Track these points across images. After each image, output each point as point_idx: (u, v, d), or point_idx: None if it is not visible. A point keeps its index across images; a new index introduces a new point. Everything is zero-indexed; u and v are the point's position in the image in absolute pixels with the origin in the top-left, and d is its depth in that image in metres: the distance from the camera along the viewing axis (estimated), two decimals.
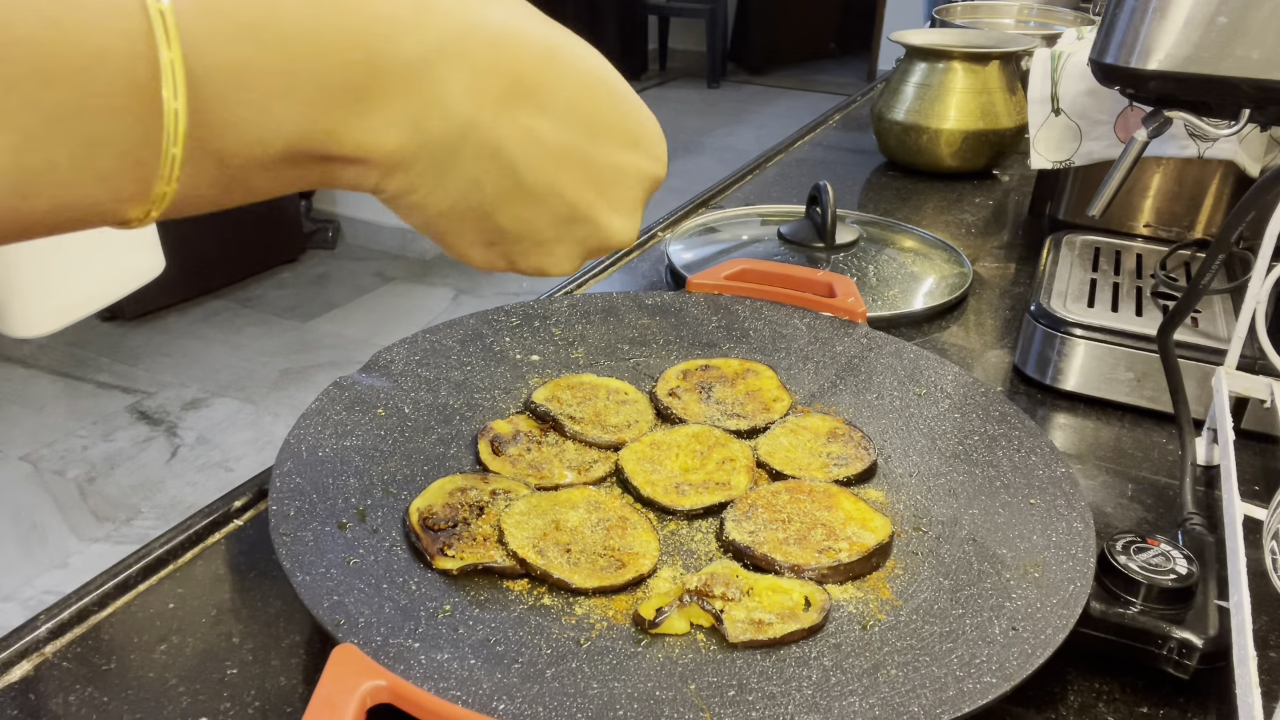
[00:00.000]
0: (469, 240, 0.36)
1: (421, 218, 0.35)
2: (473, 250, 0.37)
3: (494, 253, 0.37)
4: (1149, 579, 0.46)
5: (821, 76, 6.39)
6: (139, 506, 2.25)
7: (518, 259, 0.38)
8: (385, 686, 0.38)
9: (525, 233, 0.36)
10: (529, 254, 0.38)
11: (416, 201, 0.34)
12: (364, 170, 0.31)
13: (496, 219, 0.35)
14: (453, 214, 0.34)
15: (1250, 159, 0.87)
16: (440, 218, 0.35)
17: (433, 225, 0.35)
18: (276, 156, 0.28)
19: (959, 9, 1.60)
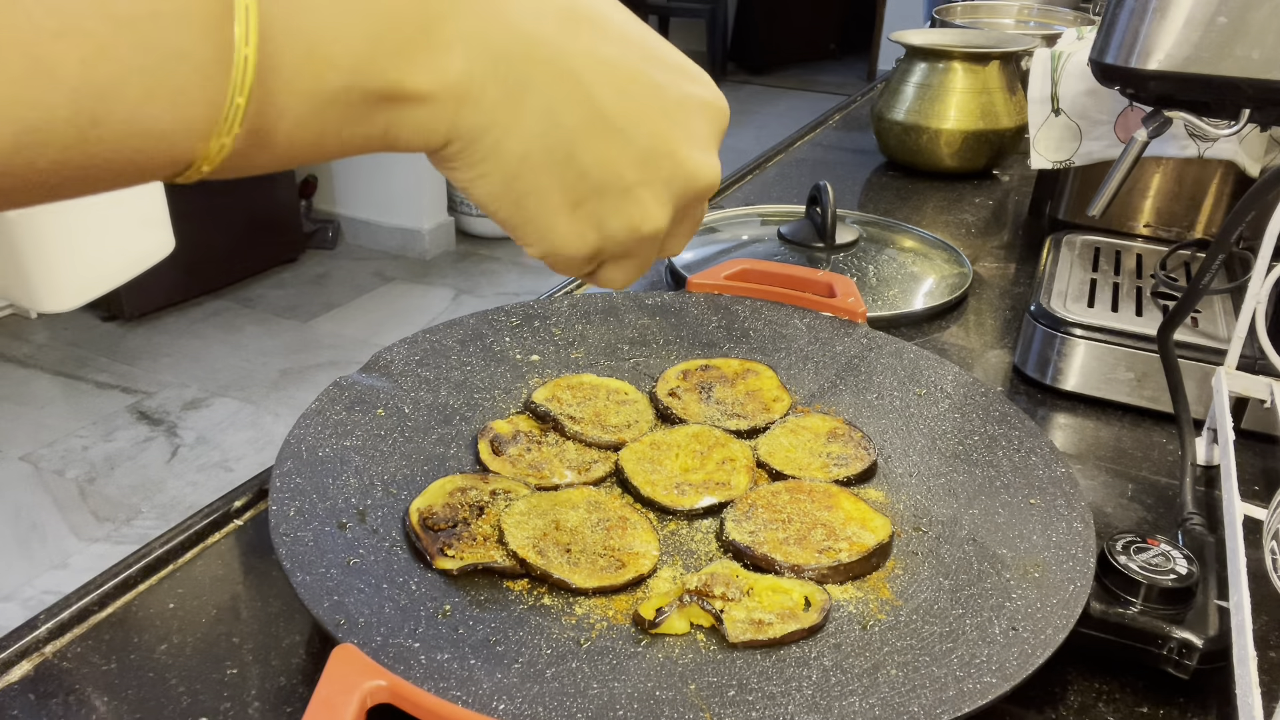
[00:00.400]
0: (554, 201, 0.34)
1: (500, 174, 0.32)
2: (559, 217, 0.34)
3: (582, 216, 0.34)
4: (1149, 579, 0.46)
5: (821, 76, 6.39)
6: (139, 506, 2.25)
7: (608, 217, 0.35)
8: (385, 686, 0.38)
9: (609, 177, 0.34)
10: (619, 207, 0.35)
11: (492, 145, 0.31)
12: (432, 111, 0.30)
13: (579, 160, 0.33)
14: (533, 160, 0.32)
15: (1250, 159, 0.87)
16: (521, 167, 0.32)
17: (513, 184, 0.33)
18: (338, 91, 0.27)
19: (959, 9, 1.60)
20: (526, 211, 0.34)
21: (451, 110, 0.30)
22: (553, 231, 0.35)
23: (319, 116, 0.28)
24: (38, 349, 2.90)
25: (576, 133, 0.33)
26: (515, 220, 0.34)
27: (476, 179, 0.33)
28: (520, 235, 0.35)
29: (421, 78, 0.29)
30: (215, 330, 3.06)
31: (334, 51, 0.27)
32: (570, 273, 0.38)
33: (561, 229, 0.35)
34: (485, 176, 0.32)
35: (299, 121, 0.27)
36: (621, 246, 0.36)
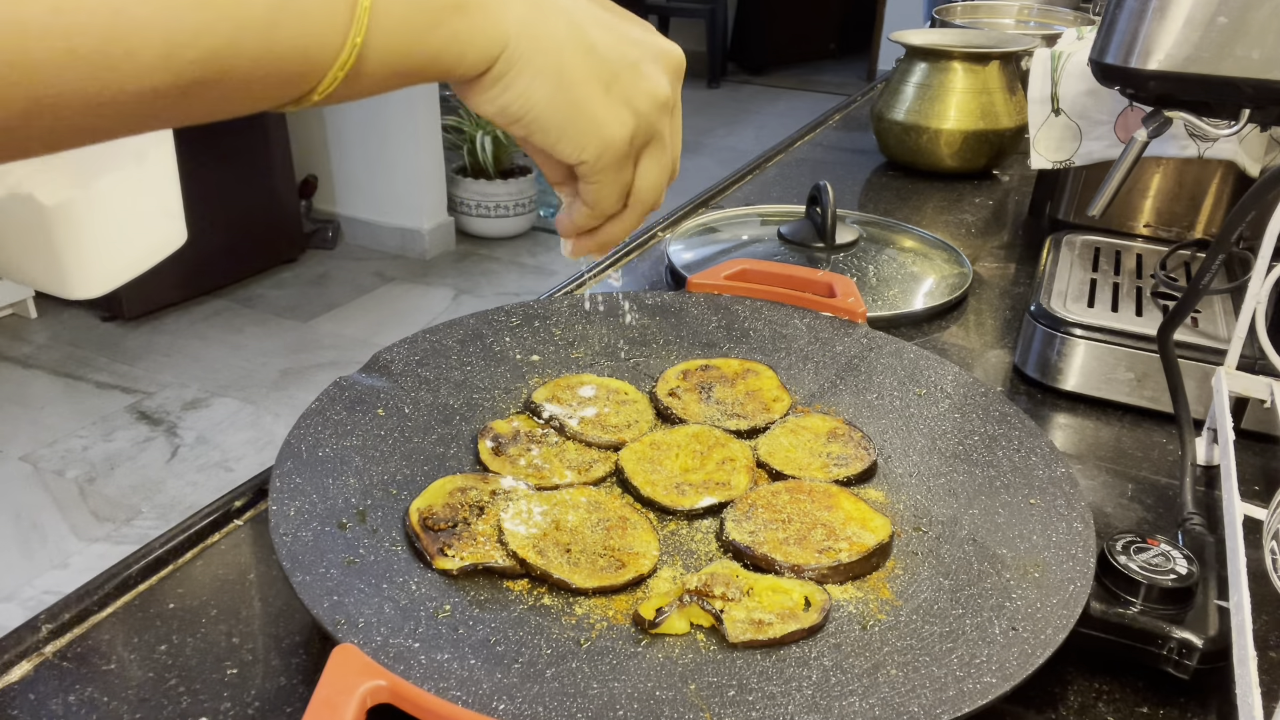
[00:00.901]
0: (593, 87, 0.40)
1: (550, 69, 0.39)
2: (599, 102, 0.41)
3: (614, 97, 0.41)
4: (1149, 579, 0.46)
5: (821, 76, 6.39)
6: (139, 506, 2.25)
7: (631, 92, 0.42)
8: (385, 686, 0.38)
9: (620, 57, 0.41)
10: (635, 82, 0.42)
11: (535, 44, 0.38)
12: (486, 16, 0.37)
13: (597, 48, 0.41)
14: (567, 51, 0.40)
15: (1250, 159, 0.87)
16: (562, 58, 0.39)
17: (562, 77, 0.39)
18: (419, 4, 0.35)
19: (959, 9, 1.60)
20: (576, 101, 0.40)
21: (498, 14, 0.37)
22: (599, 119, 0.41)
23: (405, 29, 0.35)
24: (38, 349, 2.90)
25: (587, 27, 0.41)
26: (567, 117, 0.40)
27: (533, 82, 0.39)
28: (573, 135, 0.41)
29: None
30: (215, 330, 3.06)
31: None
32: (616, 170, 0.43)
33: (604, 114, 0.41)
34: (539, 75, 0.39)
35: (388, 44, 0.35)
36: (648, 123, 0.43)
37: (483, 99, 0.40)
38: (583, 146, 0.41)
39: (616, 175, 0.43)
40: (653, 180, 0.45)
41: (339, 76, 0.34)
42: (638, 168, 0.45)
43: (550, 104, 0.40)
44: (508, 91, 0.39)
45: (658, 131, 0.44)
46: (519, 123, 0.40)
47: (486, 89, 0.39)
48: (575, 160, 0.42)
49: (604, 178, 0.43)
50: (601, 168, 0.42)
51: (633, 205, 0.46)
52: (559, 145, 0.41)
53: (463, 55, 0.37)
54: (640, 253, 1.00)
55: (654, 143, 0.44)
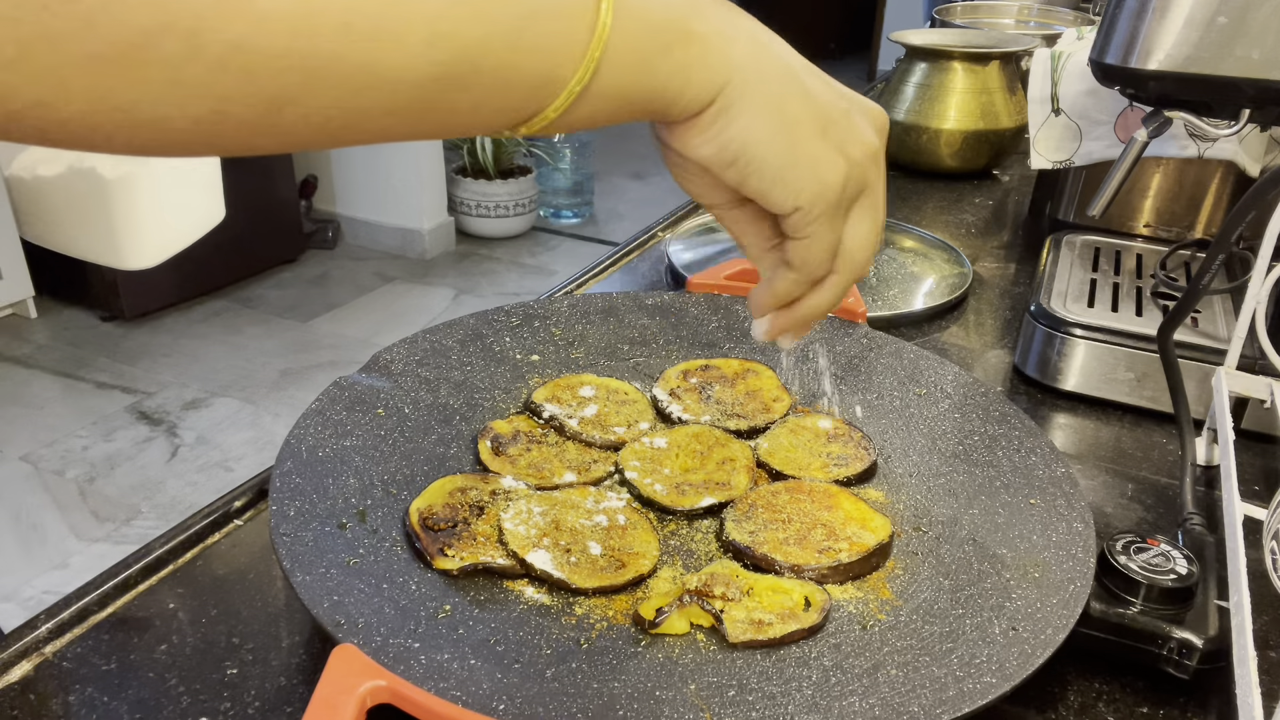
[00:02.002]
0: (810, 128, 0.40)
1: (770, 105, 0.39)
2: (816, 143, 0.40)
3: (830, 141, 0.40)
4: (1149, 579, 0.46)
5: None
6: (139, 506, 2.25)
7: (844, 139, 0.41)
8: (385, 686, 0.38)
9: (830, 106, 0.41)
10: (847, 130, 0.41)
11: (757, 79, 0.39)
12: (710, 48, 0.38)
13: (810, 92, 0.40)
14: (785, 91, 0.39)
15: (1250, 159, 0.87)
16: (781, 96, 0.39)
17: (781, 113, 0.39)
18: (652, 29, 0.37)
19: (959, 9, 1.60)
20: (795, 141, 0.40)
21: (723, 49, 0.38)
22: (816, 161, 0.40)
23: (638, 52, 0.36)
24: (38, 349, 2.90)
25: (802, 73, 0.41)
26: (786, 158, 0.40)
27: (754, 118, 0.39)
28: (790, 177, 0.40)
29: (700, 22, 0.38)
30: (215, 330, 3.06)
31: (648, 14, 0.37)
32: (829, 221, 0.42)
33: (821, 155, 0.40)
34: (761, 112, 0.39)
35: (621, 65, 0.36)
36: (861, 171, 0.42)
37: (701, 138, 0.39)
38: (799, 189, 0.40)
39: (829, 226, 0.41)
40: (863, 237, 0.43)
41: (575, 91, 0.35)
42: (847, 223, 0.43)
43: (770, 142, 0.39)
44: (729, 128, 0.39)
45: (869, 182, 0.42)
46: (736, 163, 0.39)
47: (706, 126, 0.39)
48: (790, 205, 0.40)
49: (817, 228, 0.41)
50: (816, 215, 0.41)
51: (840, 269, 0.43)
52: (774, 188, 0.40)
53: (686, 86, 0.38)
54: (640, 253, 1.00)
55: (865, 195, 0.42)
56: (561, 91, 0.35)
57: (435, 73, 0.32)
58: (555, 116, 0.36)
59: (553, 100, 0.35)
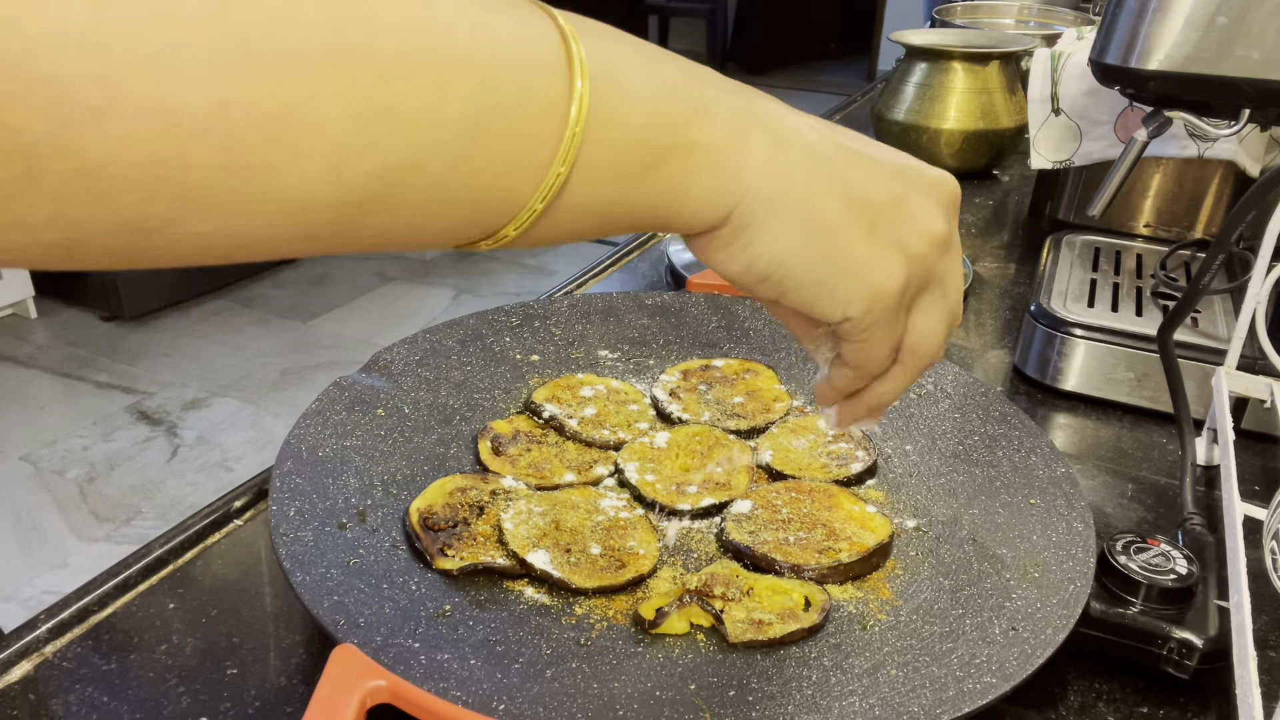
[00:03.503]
0: (853, 231, 0.35)
1: (798, 214, 0.34)
2: (861, 246, 0.35)
3: (880, 238, 0.35)
4: (1149, 579, 0.46)
5: (821, 76, 6.38)
6: (139, 506, 2.25)
7: (900, 230, 0.36)
8: (385, 687, 0.38)
9: (882, 193, 0.36)
10: (904, 218, 0.36)
11: (780, 187, 0.34)
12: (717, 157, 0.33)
13: (852, 183, 0.35)
14: (817, 189, 0.34)
15: (1250, 159, 0.87)
16: (811, 200, 0.34)
17: (813, 221, 0.34)
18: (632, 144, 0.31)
19: (959, 9, 1.60)
20: (835, 252, 0.34)
21: (734, 159, 0.33)
22: (863, 268, 0.35)
23: (620, 165, 0.31)
24: (38, 349, 2.90)
25: (840, 163, 0.35)
26: (826, 271, 0.35)
27: (780, 234, 0.34)
28: (834, 290, 0.35)
29: (701, 129, 0.33)
30: (215, 330, 3.06)
31: (636, 111, 0.31)
32: (887, 325, 0.37)
33: (870, 261, 0.35)
34: (788, 225, 0.34)
35: (597, 180, 0.31)
36: (924, 266, 0.37)
37: (722, 255, 0.34)
38: (847, 302, 0.35)
39: (888, 331, 0.37)
40: (930, 331, 0.38)
41: (537, 210, 0.30)
42: (910, 318, 0.38)
43: (804, 258, 0.34)
44: (751, 246, 0.34)
45: (935, 275, 0.37)
46: (767, 281, 0.35)
47: (726, 245, 0.34)
48: (839, 317, 0.36)
49: (873, 334, 0.37)
50: (869, 324, 0.36)
51: (904, 361, 0.39)
52: (818, 304, 0.35)
53: (686, 200, 0.33)
54: (640, 253, 1.00)
55: (930, 288, 0.37)
56: (521, 210, 0.30)
57: (349, 196, 0.27)
58: (516, 235, 0.31)
59: (510, 219, 0.30)
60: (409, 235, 0.30)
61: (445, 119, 0.27)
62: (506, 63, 0.28)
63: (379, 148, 0.27)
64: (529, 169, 0.30)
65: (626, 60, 0.32)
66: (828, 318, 0.36)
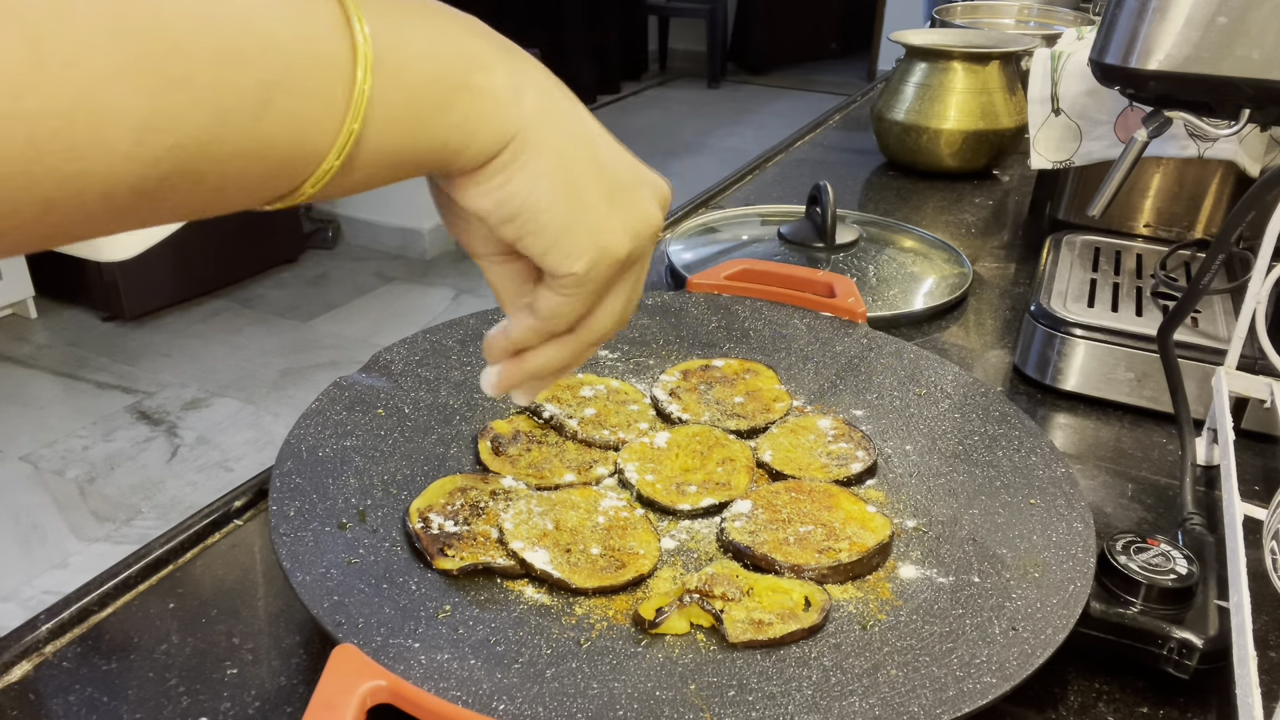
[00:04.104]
0: (596, 191, 0.38)
1: (557, 165, 0.37)
2: (602, 207, 0.38)
3: (616, 208, 0.39)
4: (1149, 579, 0.46)
5: (821, 76, 6.38)
6: (139, 506, 2.25)
7: (630, 210, 0.39)
8: (385, 687, 0.38)
9: (621, 175, 0.39)
10: (634, 201, 0.40)
11: (545, 138, 0.36)
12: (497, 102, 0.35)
13: (600, 157, 0.39)
14: (574, 151, 0.38)
15: (1250, 159, 0.87)
16: (568, 156, 0.37)
17: (568, 173, 0.37)
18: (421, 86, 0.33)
19: (959, 9, 1.60)
20: (581, 205, 0.38)
21: (510, 102, 0.36)
22: (602, 224, 0.38)
23: (409, 112, 0.33)
24: (38, 349, 2.90)
25: (591, 134, 0.39)
26: (568, 220, 0.37)
27: (538, 177, 0.37)
28: (569, 242, 0.38)
29: (480, 75, 0.35)
30: (215, 330, 3.06)
31: (417, 61, 0.33)
32: (597, 290, 0.40)
33: (607, 221, 0.39)
34: (545, 171, 0.37)
35: (390, 129, 0.33)
36: (638, 248, 0.40)
37: (478, 190, 0.37)
38: (578, 255, 0.38)
39: (593, 294, 0.40)
40: (616, 311, 0.42)
41: (334, 166, 0.32)
42: (605, 297, 0.41)
43: (552, 205, 0.37)
44: (511, 182, 0.36)
45: (640, 261, 0.41)
46: (515, 220, 0.37)
47: (488, 179, 0.36)
48: (565, 270, 0.38)
49: (582, 293, 0.39)
50: (587, 281, 0.39)
51: (580, 332, 0.42)
52: (552, 250, 0.38)
53: (469, 141, 0.35)
54: None
55: (631, 271, 0.41)
56: (319, 167, 0.31)
57: (154, 171, 0.27)
58: (314, 192, 0.32)
59: (308, 175, 0.32)
60: (210, 203, 0.30)
61: (241, 86, 0.28)
62: (291, 23, 0.29)
63: (180, 120, 0.27)
64: (324, 126, 0.31)
65: (403, 11, 0.33)
66: (555, 269, 0.38)
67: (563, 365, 0.43)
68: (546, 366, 0.43)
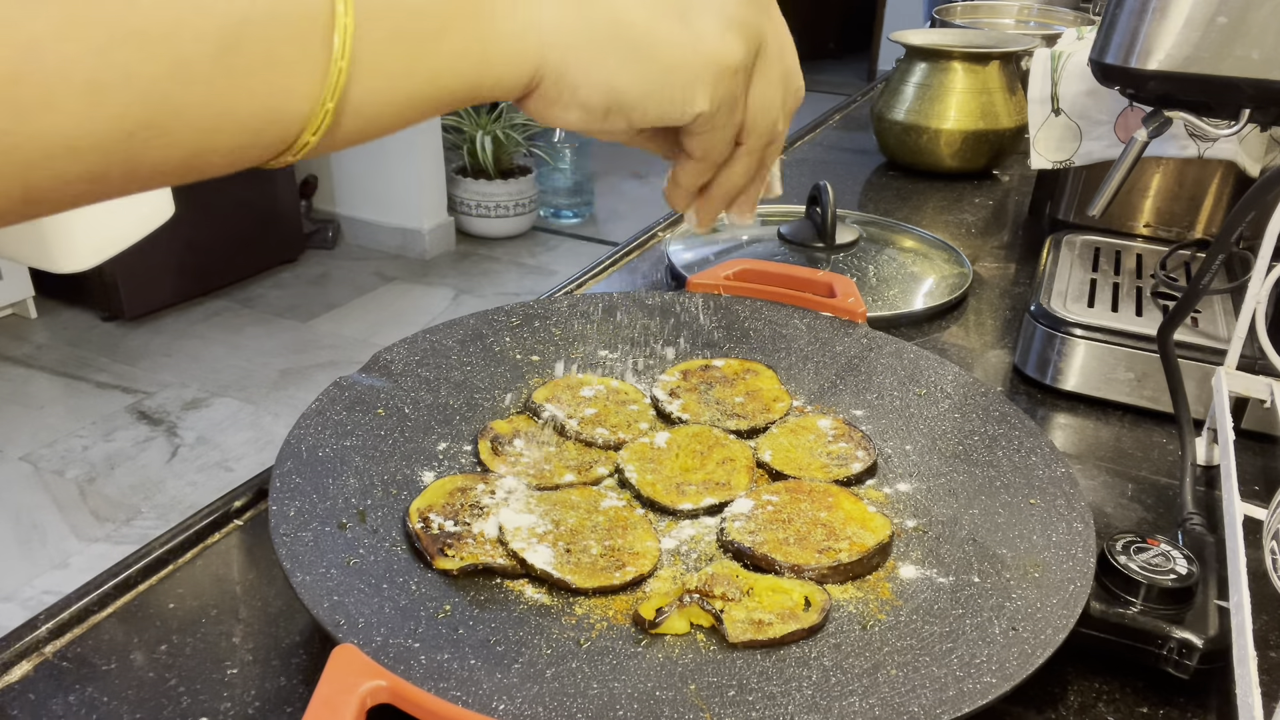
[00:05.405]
0: (668, 30, 0.35)
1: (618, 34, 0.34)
2: (684, 43, 0.35)
3: (696, 25, 0.35)
4: (1149, 579, 0.46)
5: (821, 76, 6.38)
6: (139, 506, 2.25)
7: (717, 7, 0.35)
8: (385, 687, 0.38)
9: None
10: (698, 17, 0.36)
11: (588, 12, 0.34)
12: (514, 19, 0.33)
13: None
14: (623, 5, 0.34)
15: (1250, 159, 0.87)
16: (622, 18, 0.34)
17: (631, 35, 0.34)
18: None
19: (959, 9, 1.60)
20: (657, 58, 0.34)
21: (525, 14, 0.33)
22: (693, 58, 0.35)
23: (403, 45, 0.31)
24: (38, 349, 2.90)
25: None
26: (658, 78, 0.35)
27: (598, 67, 0.34)
28: (673, 91, 0.35)
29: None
30: (215, 330, 3.06)
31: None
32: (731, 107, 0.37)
33: (695, 48, 0.35)
34: (600, 58, 0.34)
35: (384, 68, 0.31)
36: (750, 29, 0.36)
37: (555, 110, 0.35)
38: (692, 98, 0.35)
39: (732, 112, 0.37)
40: (767, 102, 0.38)
41: (329, 110, 0.30)
42: (749, 96, 0.38)
43: (633, 78, 0.34)
44: (580, 91, 0.34)
45: (764, 35, 0.37)
46: (611, 114, 0.35)
47: (554, 100, 0.34)
48: (690, 118, 0.36)
49: (717, 121, 0.37)
50: (716, 109, 0.36)
51: (746, 141, 0.39)
52: (668, 112, 0.35)
53: (486, 68, 0.33)
54: (640, 253, 1.00)
55: (762, 52, 0.37)
56: (314, 114, 0.30)
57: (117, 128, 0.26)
58: (317, 140, 0.31)
59: (303, 125, 0.30)
60: (199, 161, 0.29)
61: (203, 34, 0.27)
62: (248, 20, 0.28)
63: (134, 74, 0.26)
64: (305, 71, 0.29)
65: None
66: (680, 121, 0.36)
67: (746, 180, 0.41)
68: (734, 187, 0.41)
